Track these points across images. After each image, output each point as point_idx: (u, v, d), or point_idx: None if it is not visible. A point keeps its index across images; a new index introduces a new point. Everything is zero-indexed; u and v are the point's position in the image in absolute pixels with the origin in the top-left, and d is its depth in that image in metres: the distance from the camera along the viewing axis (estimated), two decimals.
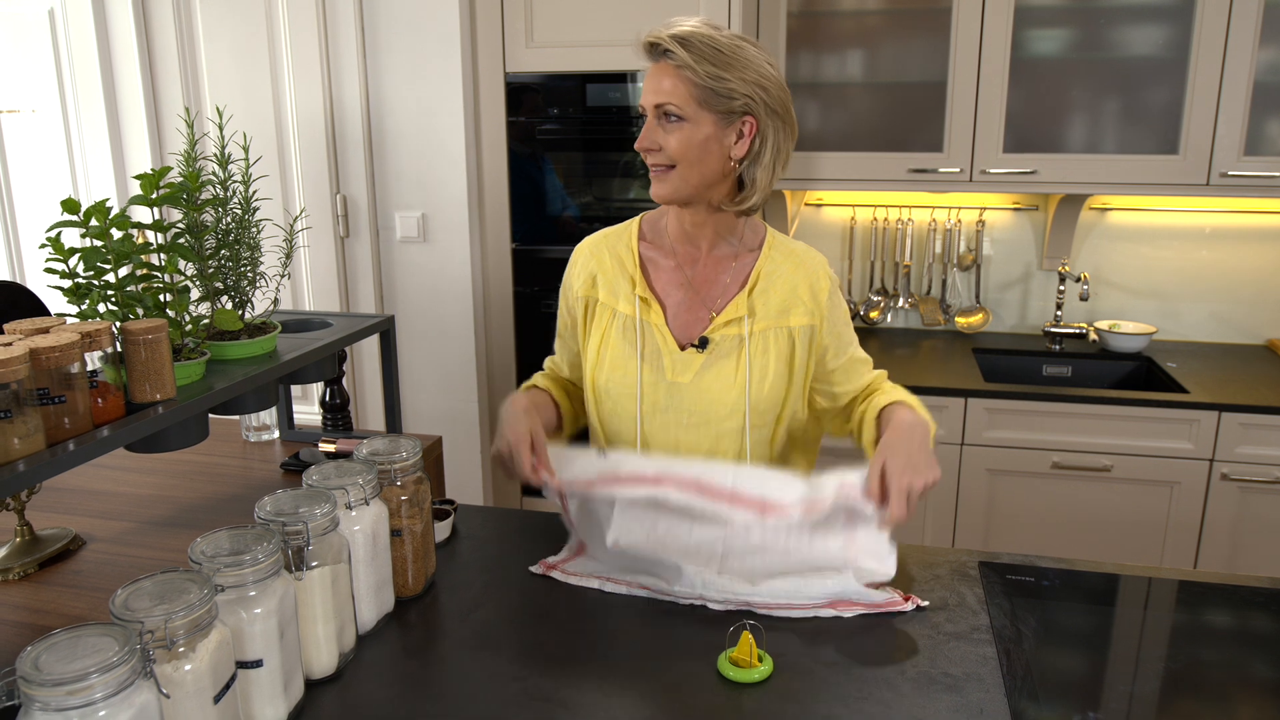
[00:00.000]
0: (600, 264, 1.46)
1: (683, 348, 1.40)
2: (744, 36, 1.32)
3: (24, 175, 3.00)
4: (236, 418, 1.80)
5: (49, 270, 1.16)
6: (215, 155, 1.24)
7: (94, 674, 0.83)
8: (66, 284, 1.16)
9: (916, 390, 2.45)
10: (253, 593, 1.04)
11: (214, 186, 1.26)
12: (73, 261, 1.15)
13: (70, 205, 1.15)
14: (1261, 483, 2.36)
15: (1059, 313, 2.90)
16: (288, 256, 1.40)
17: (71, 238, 1.18)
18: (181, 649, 0.93)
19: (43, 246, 1.16)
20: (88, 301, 1.15)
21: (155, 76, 2.76)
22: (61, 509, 1.45)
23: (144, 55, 2.73)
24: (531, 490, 2.96)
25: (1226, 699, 1.17)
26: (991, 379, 2.76)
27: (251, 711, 1.06)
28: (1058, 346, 2.88)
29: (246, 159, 1.30)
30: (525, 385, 1.61)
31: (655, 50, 1.29)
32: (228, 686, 0.98)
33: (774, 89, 1.31)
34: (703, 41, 1.27)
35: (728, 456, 1.40)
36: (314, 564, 1.15)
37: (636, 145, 1.32)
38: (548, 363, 1.66)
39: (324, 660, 1.18)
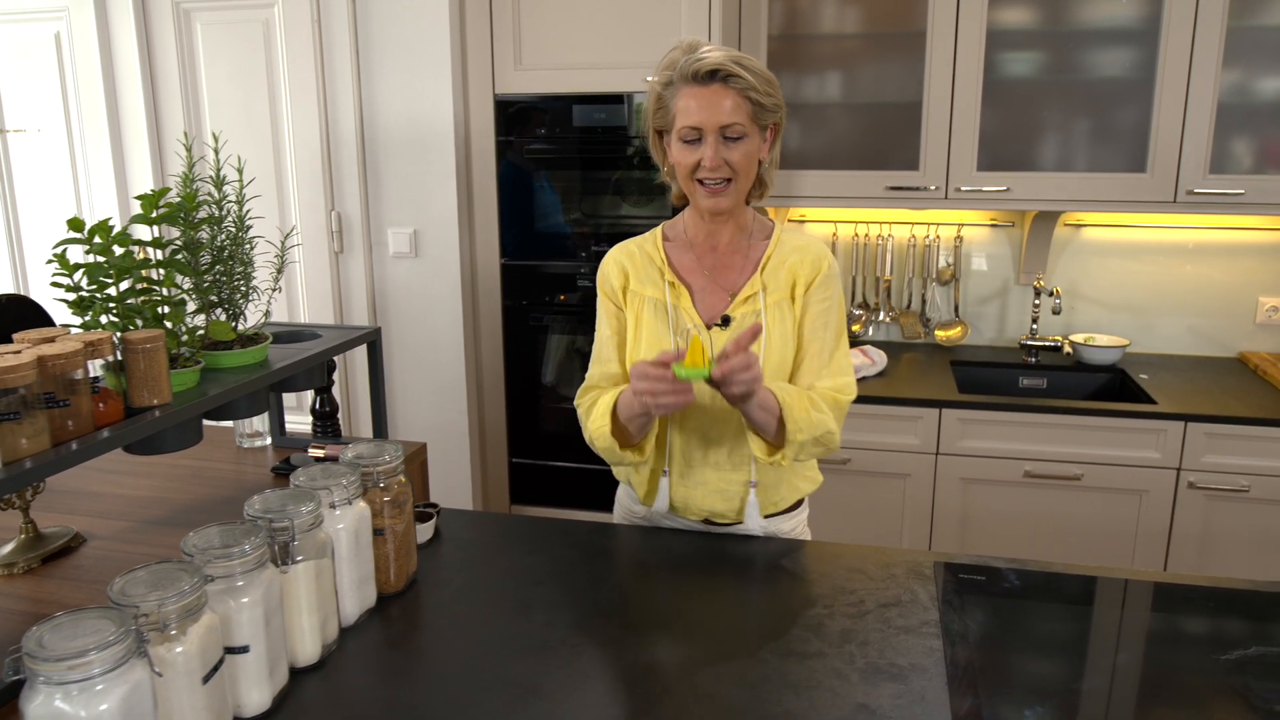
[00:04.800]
0: (631, 260, 1.58)
1: (709, 327, 1.53)
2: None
3: (30, 193, 3.10)
4: (230, 425, 1.88)
5: (55, 284, 1.24)
6: (211, 177, 1.33)
7: (93, 651, 0.90)
8: (71, 297, 1.24)
9: (893, 401, 2.57)
10: (240, 583, 1.12)
11: (210, 206, 1.35)
12: (77, 276, 1.24)
13: (75, 224, 1.24)
14: (1226, 491, 2.44)
15: (1034, 326, 2.98)
16: (279, 272, 1.48)
17: (76, 253, 1.27)
18: (174, 632, 1.01)
19: (49, 262, 1.24)
20: (91, 313, 1.23)
21: (157, 97, 2.85)
22: (63, 509, 1.53)
23: (146, 77, 2.83)
24: (520, 498, 3.04)
25: (1165, 694, 1.24)
26: (969, 391, 2.84)
27: (238, 694, 1.13)
28: (1034, 359, 2.96)
29: (240, 180, 1.39)
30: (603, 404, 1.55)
31: (714, 75, 1.38)
32: (216, 669, 1.06)
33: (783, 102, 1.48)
34: (752, 66, 1.41)
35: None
36: (299, 558, 1.23)
37: (709, 164, 1.40)
38: (599, 380, 1.62)
39: (308, 649, 1.26)
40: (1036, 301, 2.97)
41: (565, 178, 2.78)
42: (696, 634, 1.33)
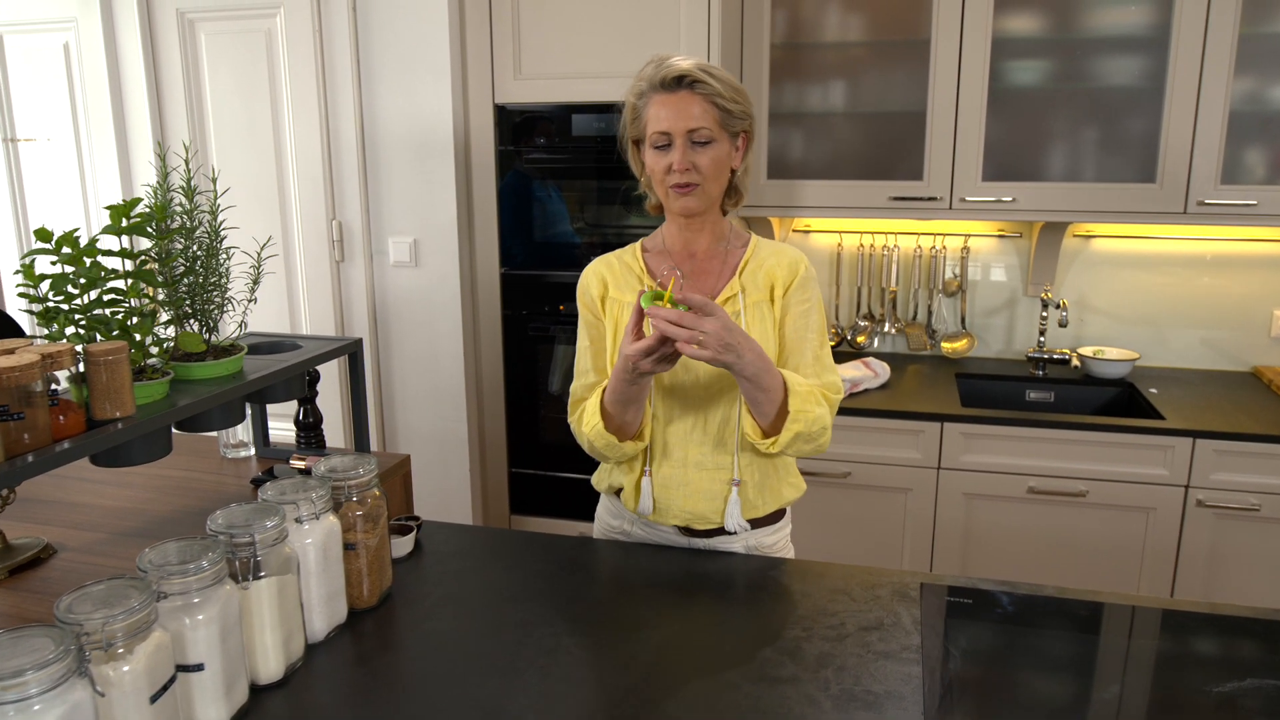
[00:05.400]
0: (610, 269, 1.61)
1: None
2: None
3: (40, 201, 3.13)
4: (214, 435, 1.87)
5: (22, 295, 1.24)
6: (181, 187, 1.32)
7: (29, 671, 0.89)
8: (37, 308, 1.24)
9: (894, 415, 2.52)
10: (196, 600, 1.10)
11: (182, 217, 1.34)
12: (43, 287, 1.23)
13: (42, 234, 1.24)
14: (1236, 509, 2.37)
15: (1042, 339, 2.92)
16: (255, 283, 1.47)
17: (46, 265, 1.26)
18: (120, 650, 0.99)
19: (16, 272, 1.24)
20: (56, 324, 1.23)
21: (162, 106, 2.87)
22: (40, 519, 1.52)
23: (151, 85, 2.85)
24: (520, 508, 3.02)
25: None
26: (976, 404, 2.79)
27: (193, 712, 1.12)
28: (1041, 372, 2.90)
29: (214, 190, 1.38)
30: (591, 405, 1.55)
31: (680, 82, 1.43)
32: (165, 688, 1.04)
33: (753, 112, 1.52)
34: (719, 74, 1.45)
35: (731, 418, 1.53)
36: (262, 574, 1.21)
37: (676, 167, 1.44)
38: (583, 392, 1.60)
39: (271, 667, 1.24)
40: (1044, 313, 2.91)
41: (565, 187, 2.77)
42: (669, 656, 1.30)
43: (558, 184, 2.77)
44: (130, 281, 1.28)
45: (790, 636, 1.35)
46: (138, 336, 1.31)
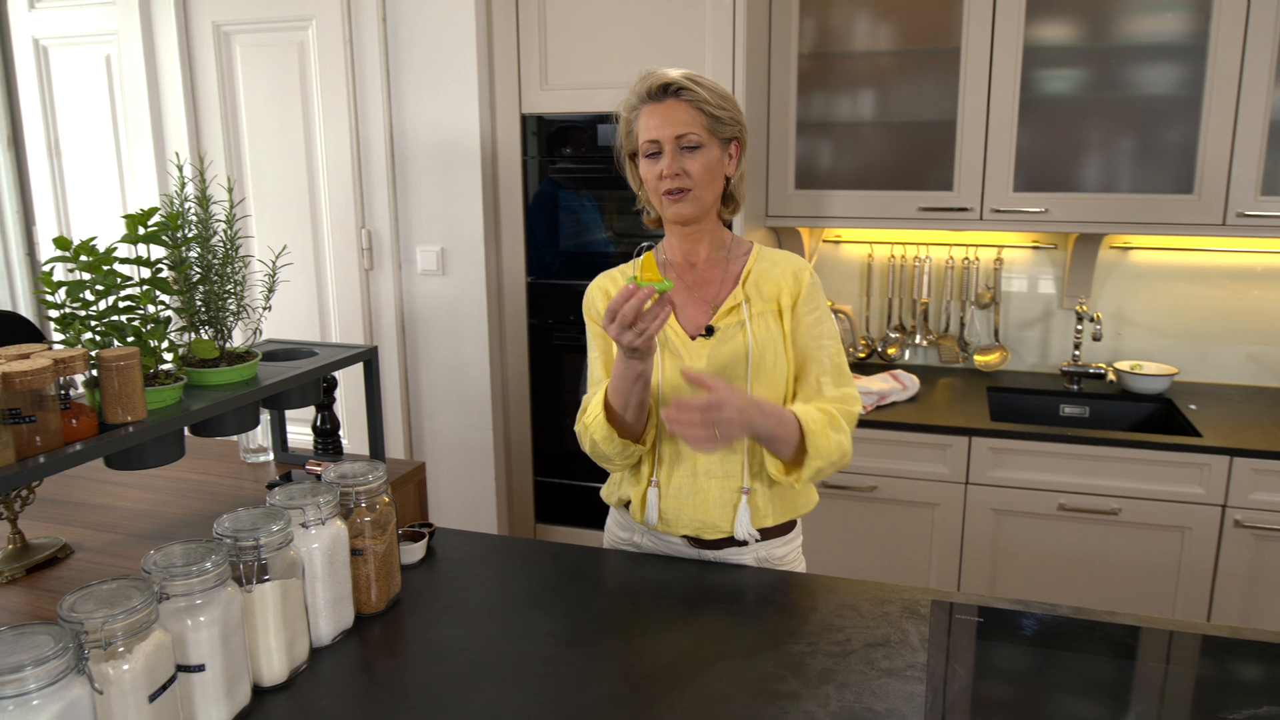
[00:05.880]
0: (613, 283, 1.64)
1: (693, 338, 1.55)
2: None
3: (81, 209, 3.21)
4: (235, 440, 1.90)
5: (41, 301, 1.27)
6: (196, 196, 1.35)
7: (28, 667, 0.91)
8: (55, 314, 1.27)
9: (921, 429, 2.48)
10: (199, 601, 1.12)
11: (197, 225, 1.37)
12: (60, 293, 1.26)
13: (61, 242, 1.27)
14: (1276, 530, 2.29)
15: (1077, 352, 2.86)
16: (270, 291, 1.50)
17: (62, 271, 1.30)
18: (120, 649, 1.01)
19: (38, 278, 1.27)
20: (72, 330, 1.26)
21: (198, 116, 2.94)
22: (60, 519, 1.56)
23: (189, 96, 2.92)
24: (546, 517, 3.03)
25: None
26: (1007, 418, 2.74)
27: (194, 712, 1.13)
28: (1076, 387, 2.84)
29: (230, 199, 1.41)
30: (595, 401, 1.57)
31: (666, 90, 1.47)
32: (165, 687, 1.06)
33: (744, 119, 1.54)
34: (705, 81, 1.48)
35: None
36: (266, 577, 1.23)
37: (665, 172, 1.46)
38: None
39: (275, 669, 1.25)
40: (1079, 327, 2.85)
41: (590, 197, 2.78)
42: (671, 668, 1.29)
43: (584, 193, 2.78)
44: (144, 288, 1.31)
45: (794, 651, 1.33)
46: (152, 343, 1.34)
